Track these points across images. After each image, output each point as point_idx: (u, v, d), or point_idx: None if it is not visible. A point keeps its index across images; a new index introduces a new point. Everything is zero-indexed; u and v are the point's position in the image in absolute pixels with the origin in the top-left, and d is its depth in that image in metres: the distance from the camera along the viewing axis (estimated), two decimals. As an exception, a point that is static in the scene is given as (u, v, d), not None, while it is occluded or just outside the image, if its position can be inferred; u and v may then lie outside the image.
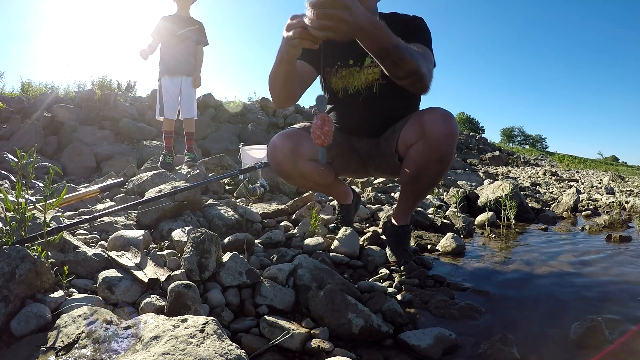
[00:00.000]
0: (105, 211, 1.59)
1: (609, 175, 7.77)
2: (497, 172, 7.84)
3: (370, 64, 1.60)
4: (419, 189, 1.55)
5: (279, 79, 1.35)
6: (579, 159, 17.87)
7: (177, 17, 3.49)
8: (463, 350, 1.03)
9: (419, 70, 1.22)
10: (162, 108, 3.45)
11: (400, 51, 1.14)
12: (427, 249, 1.88)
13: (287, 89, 1.43)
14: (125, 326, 0.86)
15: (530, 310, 1.29)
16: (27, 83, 7.73)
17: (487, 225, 2.38)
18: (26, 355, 0.83)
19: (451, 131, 1.39)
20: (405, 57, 1.16)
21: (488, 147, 14.35)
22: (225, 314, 1.09)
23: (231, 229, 1.86)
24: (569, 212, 3.13)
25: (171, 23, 3.45)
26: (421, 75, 1.25)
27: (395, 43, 1.13)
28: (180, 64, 3.46)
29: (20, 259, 1.00)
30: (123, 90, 8.24)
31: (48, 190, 1.11)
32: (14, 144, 4.58)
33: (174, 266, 1.31)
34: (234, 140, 6.28)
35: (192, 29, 3.49)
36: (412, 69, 1.21)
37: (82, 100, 6.30)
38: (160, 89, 3.49)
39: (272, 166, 1.59)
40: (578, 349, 1.04)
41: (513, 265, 1.70)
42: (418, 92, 1.40)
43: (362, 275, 1.52)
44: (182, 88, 3.49)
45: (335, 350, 0.97)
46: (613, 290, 1.45)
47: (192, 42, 3.50)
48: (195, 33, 3.52)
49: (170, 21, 3.46)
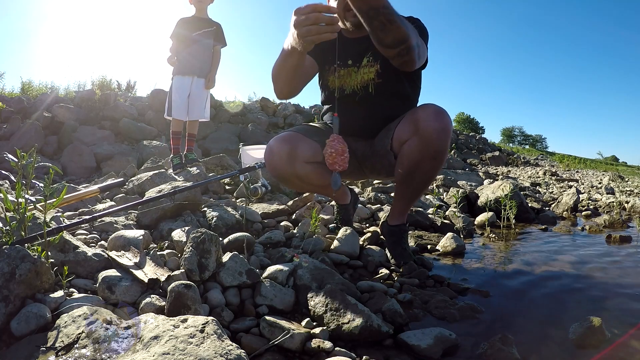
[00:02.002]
0: (105, 212, 1.59)
1: (609, 175, 7.77)
2: (497, 172, 7.83)
3: (367, 63, 1.60)
4: (413, 186, 1.55)
5: (286, 72, 1.38)
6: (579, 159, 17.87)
7: (194, 19, 3.50)
8: (463, 350, 1.03)
9: (408, 39, 1.20)
10: (170, 108, 3.45)
11: (390, 12, 1.13)
12: (427, 249, 1.88)
13: (292, 82, 1.45)
14: (125, 326, 0.86)
15: (530, 310, 1.29)
16: (27, 83, 7.74)
17: (487, 225, 2.38)
18: (26, 355, 0.83)
19: (444, 127, 1.38)
20: (395, 20, 1.15)
21: (488, 147, 14.35)
22: (225, 314, 1.09)
23: (231, 229, 1.86)
24: (569, 212, 3.13)
25: (188, 25, 3.46)
26: (409, 46, 1.22)
27: (385, 4, 1.12)
28: (193, 65, 3.46)
29: (20, 259, 1.00)
30: (123, 90, 8.24)
31: (48, 191, 1.11)
32: (14, 144, 4.58)
33: (174, 266, 1.31)
34: (234, 140, 6.28)
35: (208, 30, 3.50)
36: (400, 37, 1.19)
37: (82, 100, 6.31)
38: (170, 89, 3.49)
39: (269, 170, 1.59)
40: (578, 349, 1.04)
41: (513, 266, 1.70)
42: (406, 67, 1.34)
43: (362, 275, 1.52)
44: (192, 89, 3.49)
45: (335, 350, 0.97)
46: (613, 290, 1.45)
47: (206, 43, 3.50)
48: (211, 35, 3.52)
49: (188, 23, 3.47)
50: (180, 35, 3.42)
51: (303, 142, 1.55)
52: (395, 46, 1.21)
